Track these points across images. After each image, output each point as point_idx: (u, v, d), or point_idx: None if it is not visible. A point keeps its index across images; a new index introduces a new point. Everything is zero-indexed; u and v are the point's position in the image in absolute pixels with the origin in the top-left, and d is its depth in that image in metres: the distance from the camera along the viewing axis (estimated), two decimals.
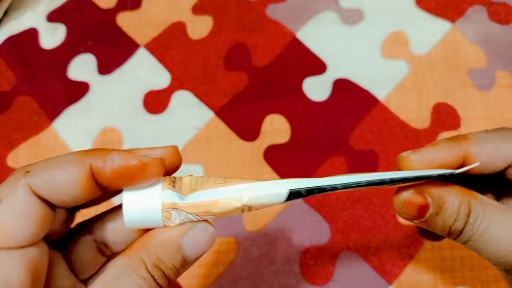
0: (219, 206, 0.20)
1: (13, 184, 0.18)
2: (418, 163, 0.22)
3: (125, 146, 0.41)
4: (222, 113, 0.42)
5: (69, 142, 0.42)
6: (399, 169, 0.23)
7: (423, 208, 0.21)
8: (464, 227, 0.21)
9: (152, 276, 0.19)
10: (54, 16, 0.47)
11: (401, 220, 0.37)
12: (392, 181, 0.21)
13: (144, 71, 0.44)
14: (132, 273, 0.19)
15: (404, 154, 0.23)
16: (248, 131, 0.41)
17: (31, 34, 0.47)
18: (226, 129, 0.41)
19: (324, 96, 0.42)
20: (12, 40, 0.47)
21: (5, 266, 0.17)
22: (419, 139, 0.39)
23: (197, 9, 0.47)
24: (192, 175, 0.22)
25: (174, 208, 0.20)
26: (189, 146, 0.41)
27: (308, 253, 0.36)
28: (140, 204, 0.19)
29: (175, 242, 0.20)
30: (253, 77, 0.43)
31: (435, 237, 0.26)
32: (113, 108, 0.43)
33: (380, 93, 0.41)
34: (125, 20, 0.47)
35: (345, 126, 0.40)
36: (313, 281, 0.36)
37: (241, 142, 0.41)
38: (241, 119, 0.42)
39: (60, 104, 0.43)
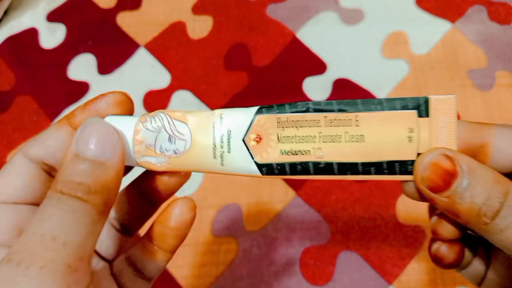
0: (193, 113, 0.20)
1: (13, 157, 0.20)
2: None
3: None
4: None
5: None
6: None
7: (450, 175, 0.18)
8: (500, 208, 0.17)
9: (64, 192, 0.17)
10: (54, 16, 0.47)
11: (401, 220, 0.37)
12: (363, 102, 0.20)
13: (144, 71, 0.44)
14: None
15: None
16: None
17: (31, 34, 0.47)
18: None
19: (324, 96, 0.42)
20: (12, 40, 0.47)
21: None
22: None
23: (197, 9, 0.47)
24: None
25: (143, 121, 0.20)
26: None
27: (308, 253, 0.36)
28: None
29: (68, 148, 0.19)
30: (253, 77, 0.43)
31: (451, 265, 0.22)
32: None
33: (380, 93, 0.41)
34: (125, 20, 0.47)
35: None
36: (313, 281, 0.36)
37: None
38: None
39: (60, 104, 0.43)
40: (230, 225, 0.38)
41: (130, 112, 0.21)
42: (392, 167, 0.19)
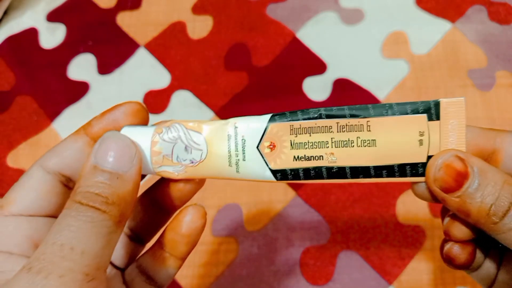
0: (208, 123, 0.21)
1: (30, 168, 0.21)
2: None
3: None
4: (222, 113, 0.42)
5: None
6: None
7: (462, 176, 0.19)
8: (509, 208, 0.18)
9: (83, 203, 0.18)
10: (54, 16, 0.47)
11: (401, 220, 0.37)
12: (374, 107, 0.20)
13: (144, 71, 0.44)
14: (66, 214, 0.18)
15: None
16: None
17: (31, 34, 0.47)
18: None
19: (324, 96, 0.42)
20: (12, 40, 0.47)
21: (8, 230, 0.19)
22: None
23: (197, 9, 0.47)
24: None
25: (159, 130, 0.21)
26: None
27: (308, 253, 0.36)
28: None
29: (87, 160, 0.19)
30: (253, 77, 0.43)
31: (462, 265, 0.22)
32: None
33: (380, 93, 0.41)
34: (125, 20, 0.47)
35: None
36: (313, 281, 0.36)
37: None
38: None
39: (60, 104, 0.43)
40: (230, 225, 0.38)
41: (145, 121, 0.22)
42: (403, 169, 0.20)
